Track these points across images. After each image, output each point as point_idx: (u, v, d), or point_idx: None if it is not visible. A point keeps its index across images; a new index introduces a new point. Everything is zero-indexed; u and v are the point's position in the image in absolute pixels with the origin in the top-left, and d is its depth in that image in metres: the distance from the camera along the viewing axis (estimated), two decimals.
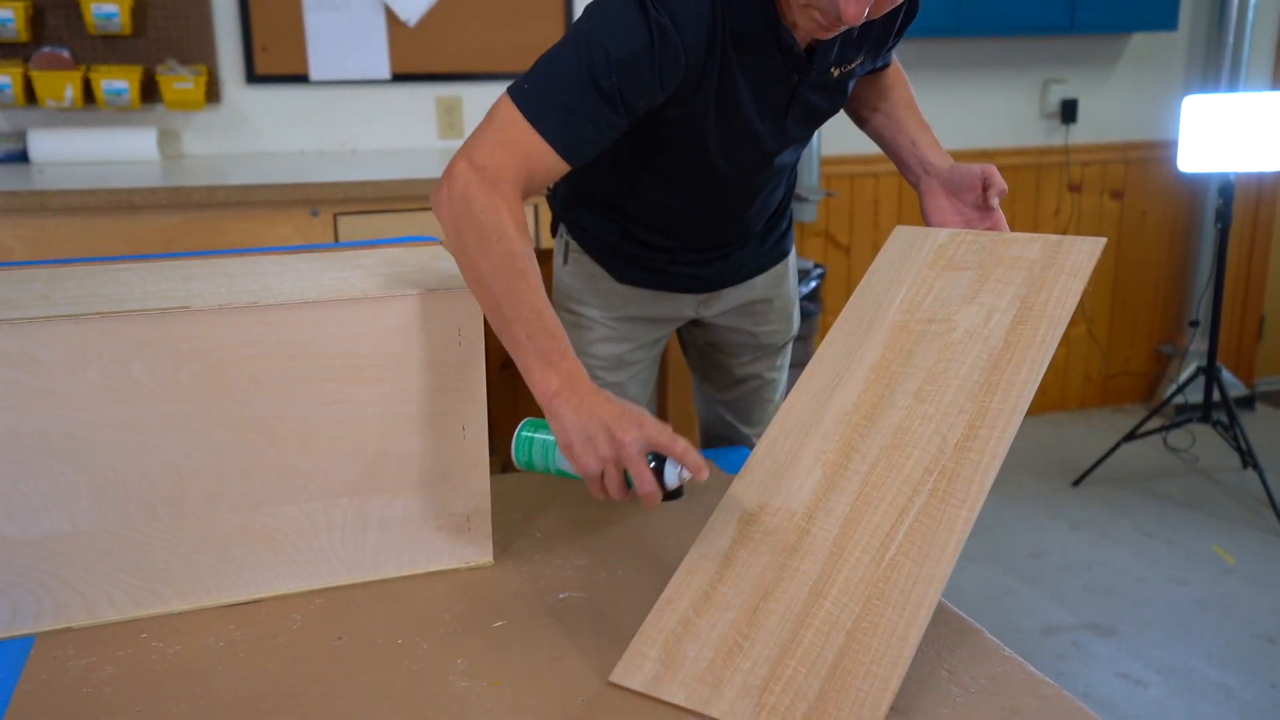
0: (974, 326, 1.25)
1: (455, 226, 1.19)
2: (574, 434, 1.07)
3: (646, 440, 1.06)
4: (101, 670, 1.08)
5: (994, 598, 2.90)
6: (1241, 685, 2.51)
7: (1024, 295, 1.26)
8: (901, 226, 1.43)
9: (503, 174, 1.21)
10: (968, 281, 1.31)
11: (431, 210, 1.23)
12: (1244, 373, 4.47)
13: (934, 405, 1.18)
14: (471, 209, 1.18)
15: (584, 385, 1.10)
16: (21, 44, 2.88)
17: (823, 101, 1.46)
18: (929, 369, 1.22)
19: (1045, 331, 1.22)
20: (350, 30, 3.12)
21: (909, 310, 1.30)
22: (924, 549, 1.06)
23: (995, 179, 1.42)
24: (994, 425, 1.14)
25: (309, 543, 1.22)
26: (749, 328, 1.74)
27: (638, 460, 1.06)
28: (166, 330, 1.12)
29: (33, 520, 1.12)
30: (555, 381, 1.10)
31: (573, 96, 1.23)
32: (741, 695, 1.01)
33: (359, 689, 1.05)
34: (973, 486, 1.09)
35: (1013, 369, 1.19)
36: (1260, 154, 3.31)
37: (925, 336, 1.26)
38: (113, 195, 2.48)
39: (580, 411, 1.07)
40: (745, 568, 1.12)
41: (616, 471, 1.07)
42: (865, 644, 1.01)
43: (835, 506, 1.14)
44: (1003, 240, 1.36)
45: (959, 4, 3.57)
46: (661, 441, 1.06)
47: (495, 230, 1.16)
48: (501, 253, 1.16)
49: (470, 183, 1.20)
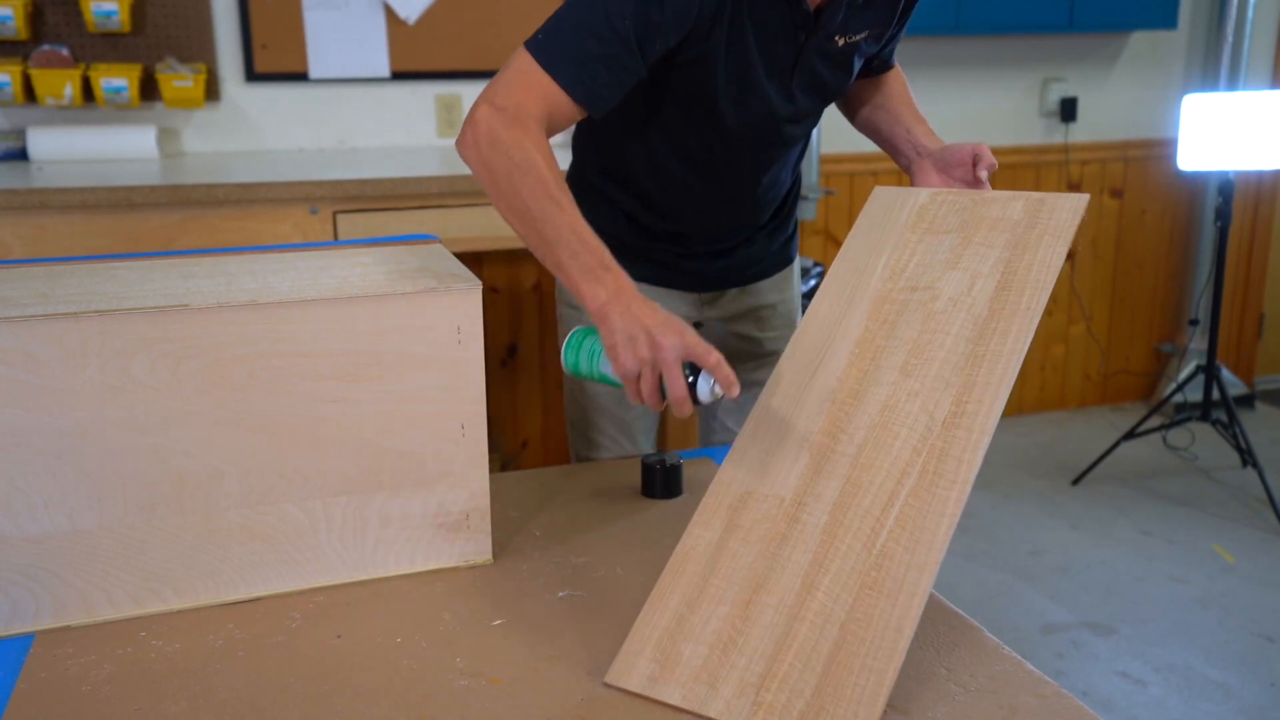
0: (957, 294, 1.23)
1: (486, 166, 1.24)
2: (618, 336, 1.14)
3: (684, 348, 1.12)
4: (100, 669, 1.08)
5: (993, 596, 2.91)
6: (1241, 684, 2.51)
7: (1007, 259, 1.24)
8: (880, 187, 1.40)
9: (525, 112, 1.25)
10: (949, 245, 1.28)
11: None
12: (1243, 371, 4.47)
13: (920, 380, 1.17)
14: (500, 147, 1.23)
15: (630, 294, 1.17)
16: (21, 42, 2.88)
17: (828, 73, 1.47)
18: (913, 340, 1.20)
19: (1030, 298, 1.19)
20: (349, 28, 3.12)
21: (891, 278, 1.28)
22: (915, 534, 1.05)
23: (984, 154, 1.42)
24: (981, 399, 1.12)
25: (308, 541, 1.22)
26: (753, 333, 1.74)
27: (673, 365, 1.11)
28: (166, 328, 1.12)
29: (32, 519, 1.12)
30: (603, 293, 1.16)
31: (587, 43, 1.27)
32: (738, 694, 1.01)
33: (358, 687, 1.05)
34: (962, 466, 1.08)
35: (998, 338, 1.17)
36: (1260, 153, 3.31)
37: (908, 306, 1.24)
38: (112, 193, 2.48)
39: (626, 315, 1.14)
40: (736, 559, 1.11)
41: (652, 375, 1.13)
42: (860, 636, 1.01)
43: (824, 491, 1.12)
44: (984, 199, 1.33)
45: (958, 2, 3.57)
46: (698, 352, 1.12)
47: (525, 163, 1.22)
48: (534, 183, 1.21)
49: (494, 124, 1.24)
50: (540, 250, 1.22)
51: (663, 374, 1.12)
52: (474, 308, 1.22)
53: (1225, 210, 3.44)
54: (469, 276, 1.25)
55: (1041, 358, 4.26)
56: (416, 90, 3.23)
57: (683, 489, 1.48)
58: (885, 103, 1.62)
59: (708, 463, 1.57)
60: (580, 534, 1.37)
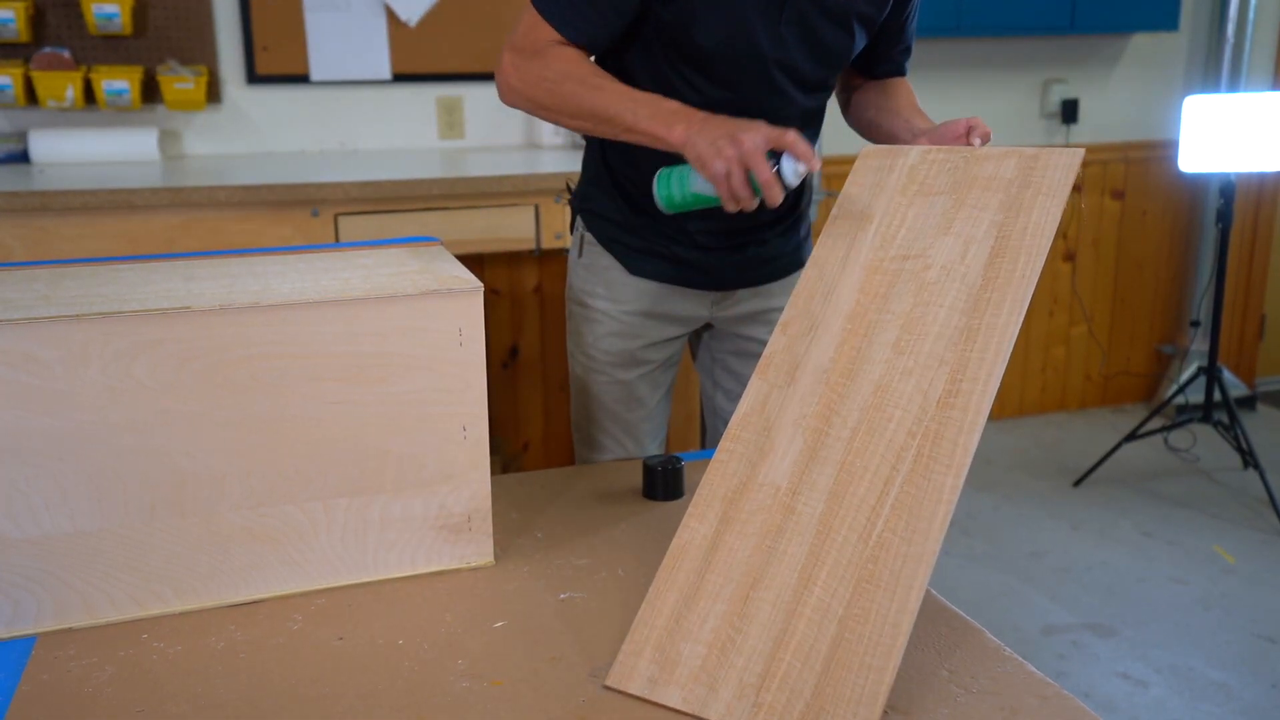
0: (950, 262, 1.20)
1: (529, 99, 1.45)
2: (702, 147, 1.26)
3: (764, 138, 1.24)
4: (102, 670, 1.09)
5: (994, 597, 2.90)
6: (1242, 685, 2.51)
7: (1001, 222, 1.20)
8: (869, 146, 1.37)
9: (541, 42, 1.43)
10: (941, 208, 1.25)
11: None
12: (1245, 373, 4.47)
13: (913, 357, 1.14)
14: (531, 75, 1.43)
15: (700, 114, 1.30)
16: (22, 44, 2.88)
17: (825, 26, 1.47)
18: (906, 314, 1.18)
19: (1025, 265, 1.16)
20: (351, 30, 3.12)
21: (882, 246, 1.25)
22: (911, 523, 1.04)
23: (979, 125, 1.40)
24: (976, 377, 1.10)
25: (309, 543, 1.22)
26: (763, 336, 1.74)
27: (757, 156, 1.23)
28: (168, 330, 1.12)
29: (33, 520, 1.12)
30: (678, 126, 1.30)
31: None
32: (737, 696, 1.00)
33: (359, 689, 1.05)
34: (957, 449, 1.07)
35: (993, 310, 1.14)
36: (1261, 154, 3.31)
37: (900, 276, 1.21)
38: (113, 195, 2.48)
39: (705, 130, 1.27)
40: (733, 553, 1.10)
41: (740, 170, 1.24)
42: (858, 632, 1.00)
43: (819, 480, 1.11)
44: (976, 157, 1.29)
45: (959, 4, 3.57)
46: (774, 136, 1.24)
47: (559, 74, 1.41)
48: (574, 84, 1.40)
49: (519, 62, 1.45)
50: (612, 130, 1.38)
51: (749, 167, 1.23)
52: (475, 310, 1.22)
53: (1226, 211, 3.44)
54: (470, 278, 1.25)
55: (1043, 359, 4.26)
56: (418, 92, 3.23)
57: (684, 491, 1.48)
58: (889, 104, 1.62)
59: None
60: (582, 536, 1.37)
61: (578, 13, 1.42)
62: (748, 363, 1.76)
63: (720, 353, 1.79)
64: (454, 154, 3.19)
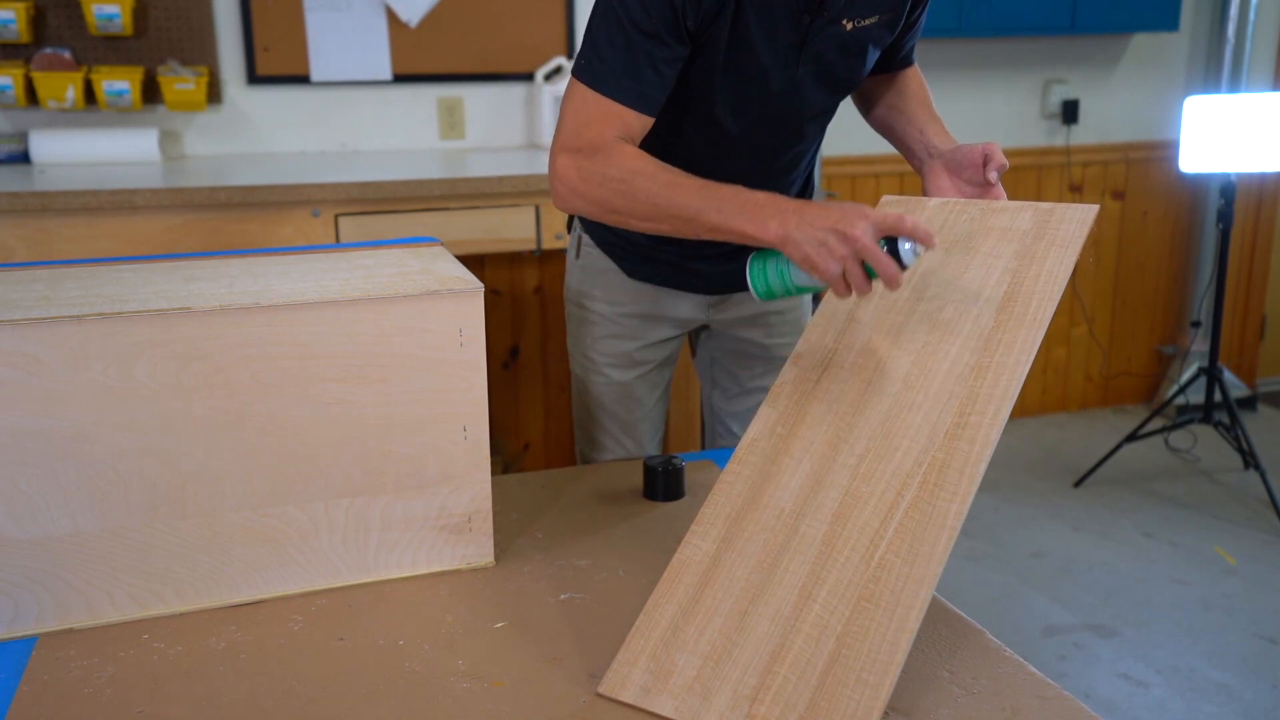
0: (963, 305, 1.22)
1: (597, 203, 1.32)
2: (808, 247, 1.15)
3: (875, 228, 1.13)
4: (103, 671, 1.09)
5: (995, 598, 2.90)
6: (1243, 686, 2.51)
7: (1014, 270, 1.23)
8: (888, 196, 1.40)
9: (601, 139, 1.32)
10: (957, 255, 1.28)
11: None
12: (1245, 373, 4.47)
13: (923, 391, 1.16)
14: (594, 179, 1.30)
15: (792, 206, 1.18)
16: (23, 45, 2.88)
17: (839, 61, 1.46)
18: (918, 351, 1.20)
19: (1036, 309, 1.19)
20: (351, 31, 3.12)
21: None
22: (914, 547, 1.05)
23: (995, 154, 1.41)
24: (984, 411, 1.12)
25: (310, 543, 1.22)
26: (760, 339, 1.74)
27: (874, 249, 1.13)
28: (168, 331, 1.12)
29: (34, 520, 1.12)
30: (772, 222, 1.18)
31: (626, 53, 1.31)
32: (731, 706, 1.00)
33: (360, 690, 1.05)
34: (963, 479, 1.08)
35: (1003, 350, 1.16)
36: (1261, 154, 3.30)
37: (913, 315, 1.24)
38: (114, 196, 2.48)
39: (803, 227, 1.16)
40: (733, 570, 1.11)
41: (856, 266, 1.14)
42: (855, 650, 1.00)
43: (824, 502, 1.12)
44: (992, 209, 1.32)
45: (960, 4, 3.57)
46: (889, 223, 1.13)
47: (628, 171, 1.29)
48: (645, 179, 1.27)
49: (579, 163, 1.32)
50: (693, 230, 1.26)
51: (865, 261, 1.14)
52: (476, 310, 1.22)
53: (1227, 212, 3.44)
54: (471, 279, 1.25)
55: (1043, 360, 4.26)
56: (418, 93, 3.23)
57: (685, 491, 1.48)
58: (900, 103, 1.61)
59: (710, 465, 1.57)
60: (582, 536, 1.37)
61: (636, 80, 1.32)
62: (745, 363, 1.76)
63: (718, 353, 1.79)
64: (454, 154, 3.19)
